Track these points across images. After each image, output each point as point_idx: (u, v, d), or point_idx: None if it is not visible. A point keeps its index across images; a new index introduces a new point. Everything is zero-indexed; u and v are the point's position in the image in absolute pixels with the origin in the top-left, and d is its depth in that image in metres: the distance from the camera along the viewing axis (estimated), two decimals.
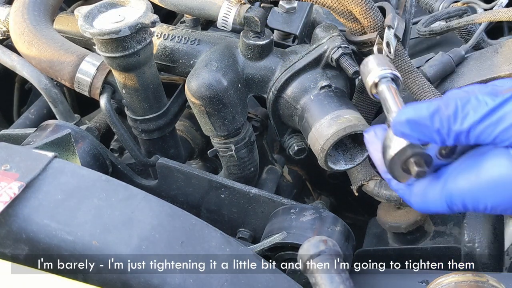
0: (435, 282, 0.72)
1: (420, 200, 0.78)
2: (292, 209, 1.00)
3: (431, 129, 0.71)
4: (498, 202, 0.71)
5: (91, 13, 1.00)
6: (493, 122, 0.69)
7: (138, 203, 0.77)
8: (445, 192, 0.74)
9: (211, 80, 1.02)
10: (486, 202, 0.72)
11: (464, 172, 0.74)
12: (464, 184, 0.73)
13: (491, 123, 0.69)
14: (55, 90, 1.16)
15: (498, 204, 0.72)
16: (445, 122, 0.70)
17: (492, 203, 0.72)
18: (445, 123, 0.70)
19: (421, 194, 0.77)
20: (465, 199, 0.73)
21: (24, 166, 0.76)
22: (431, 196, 0.76)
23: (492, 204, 0.72)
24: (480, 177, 0.72)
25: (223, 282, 0.73)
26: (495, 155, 0.72)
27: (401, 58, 1.04)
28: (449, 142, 0.72)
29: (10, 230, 0.72)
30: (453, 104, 0.70)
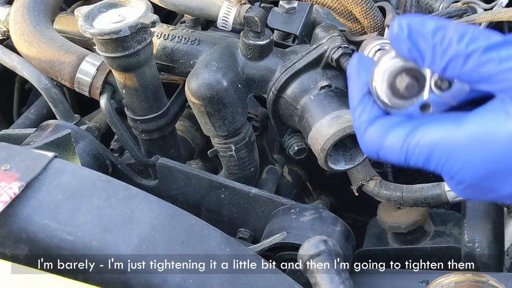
0: (435, 282, 0.72)
1: (375, 139, 0.64)
2: (292, 209, 1.00)
3: (428, 42, 0.59)
4: (474, 163, 0.59)
5: (91, 13, 1.00)
6: (503, 57, 0.57)
7: (138, 203, 0.77)
8: (412, 137, 0.62)
9: (211, 80, 1.02)
10: (458, 160, 0.60)
11: (444, 121, 0.62)
12: (440, 133, 0.61)
13: (499, 57, 0.57)
14: (55, 90, 1.16)
15: (473, 164, 0.59)
16: (446, 40, 0.59)
17: (465, 161, 0.59)
18: (446, 40, 0.59)
19: (379, 132, 0.64)
20: (434, 151, 0.61)
21: (24, 166, 0.76)
22: (392, 138, 0.63)
23: (464, 163, 0.60)
24: (463, 129, 0.60)
25: (223, 282, 0.73)
26: (487, 108, 0.60)
27: None
28: (439, 65, 0.60)
29: (10, 230, 0.72)
30: (464, 27, 0.59)
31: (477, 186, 0.61)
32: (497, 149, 0.58)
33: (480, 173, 0.60)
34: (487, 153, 0.58)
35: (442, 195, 1.04)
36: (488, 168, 0.59)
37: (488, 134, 0.58)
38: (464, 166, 0.60)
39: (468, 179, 0.61)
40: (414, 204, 1.08)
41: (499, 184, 0.60)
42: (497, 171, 0.59)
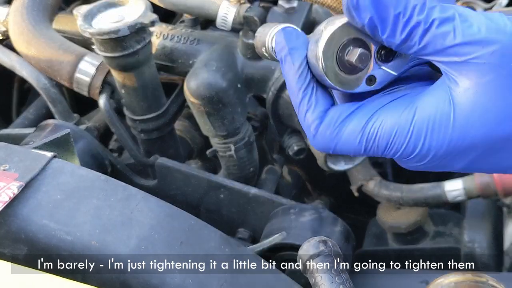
0: (435, 282, 0.72)
1: (329, 136, 0.61)
2: (292, 209, 1.00)
3: (391, 11, 0.56)
4: (431, 143, 0.59)
5: (90, 12, 1.00)
6: (464, 26, 0.55)
7: (137, 203, 0.77)
8: (369, 128, 0.60)
9: (210, 80, 1.02)
10: (417, 143, 0.59)
11: (397, 106, 0.60)
12: (396, 119, 0.59)
13: (461, 26, 0.55)
14: (54, 90, 1.15)
15: (431, 145, 0.59)
16: (410, 9, 0.56)
17: (424, 144, 0.59)
18: (409, 9, 0.56)
19: (333, 128, 0.61)
20: (394, 138, 0.59)
21: (23, 166, 0.76)
22: (348, 132, 0.60)
23: (422, 146, 0.59)
24: (418, 112, 0.59)
25: (223, 282, 0.73)
26: (436, 88, 0.59)
27: None
28: (398, 35, 0.56)
29: (9, 230, 0.72)
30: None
31: (432, 164, 0.61)
32: (450, 133, 0.58)
33: (437, 154, 0.59)
34: (443, 138, 0.58)
35: (442, 195, 1.04)
36: (443, 149, 0.59)
37: (441, 120, 0.58)
38: (422, 148, 0.59)
39: (426, 159, 0.60)
40: (414, 204, 1.08)
41: (453, 162, 0.60)
42: (451, 153, 0.59)
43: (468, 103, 0.57)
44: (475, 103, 0.57)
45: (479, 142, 0.58)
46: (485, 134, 0.58)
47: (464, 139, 0.58)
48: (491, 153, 0.59)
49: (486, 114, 0.57)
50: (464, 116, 0.58)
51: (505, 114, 0.57)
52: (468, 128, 0.58)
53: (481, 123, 0.57)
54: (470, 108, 0.57)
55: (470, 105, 0.57)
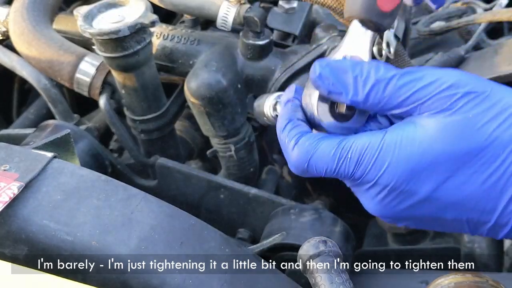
0: (435, 282, 0.72)
1: (307, 147, 0.67)
2: (292, 210, 1.00)
3: (350, 75, 0.65)
4: (398, 162, 0.65)
5: (90, 13, 1.00)
6: (416, 78, 0.64)
7: (138, 203, 0.77)
8: (344, 143, 0.66)
9: (211, 80, 1.02)
10: (385, 160, 0.65)
11: (370, 132, 0.68)
12: (369, 139, 0.66)
13: (414, 78, 0.64)
14: (54, 90, 1.16)
15: (397, 164, 0.65)
16: (365, 71, 0.65)
17: (391, 162, 0.64)
18: (364, 71, 0.65)
19: (311, 140, 0.67)
20: (364, 153, 0.65)
21: (23, 166, 0.76)
22: (324, 145, 0.67)
23: (389, 163, 0.65)
24: (388, 135, 0.65)
25: (223, 282, 0.73)
26: (404, 122, 0.66)
27: (401, 58, 1.04)
28: (361, 94, 0.65)
29: (10, 231, 0.72)
30: (375, 62, 0.66)
31: (399, 189, 0.66)
32: (415, 150, 0.65)
33: (403, 174, 0.65)
34: (408, 154, 0.65)
35: None
36: (409, 168, 0.65)
37: (407, 140, 0.65)
38: (390, 165, 0.65)
39: (392, 180, 0.66)
40: None
41: (418, 185, 0.65)
42: (416, 171, 0.65)
43: (430, 129, 0.65)
44: (437, 130, 0.64)
45: (442, 159, 0.64)
46: (445, 150, 0.64)
47: (427, 156, 0.64)
48: (454, 172, 0.64)
49: (446, 137, 0.64)
50: (426, 136, 0.65)
51: (463, 135, 0.64)
52: (431, 145, 0.64)
53: (442, 141, 0.64)
54: (433, 130, 0.64)
55: (432, 129, 0.64)
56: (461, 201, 0.65)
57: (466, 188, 0.65)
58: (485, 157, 0.64)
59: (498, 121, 0.63)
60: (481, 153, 0.64)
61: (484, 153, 0.63)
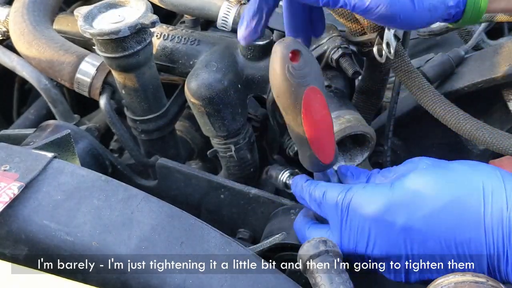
0: (435, 282, 0.72)
1: (320, 191, 0.85)
2: (292, 210, 1.00)
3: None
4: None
5: (91, 13, 1.00)
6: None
7: (138, 203, 0.77)
8: (347, 196, 0.82)
9: (211, 81, 1.02)
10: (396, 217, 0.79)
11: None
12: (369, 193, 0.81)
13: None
14: (54, 91, 1.16)
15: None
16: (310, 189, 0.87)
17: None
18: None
19: (320, 194, 0.85)
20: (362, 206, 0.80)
21: (23, 166, 0.76)
22: (330, 195, 0.84)
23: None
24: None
25: (223, 282, 0.73)
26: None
27: (401, 58, 1.04)
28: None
29: (10, 231, 0.72)
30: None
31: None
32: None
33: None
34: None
35: None
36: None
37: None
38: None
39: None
40: None
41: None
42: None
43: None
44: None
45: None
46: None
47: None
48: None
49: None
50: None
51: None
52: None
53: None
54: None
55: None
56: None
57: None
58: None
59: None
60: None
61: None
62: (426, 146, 1.25)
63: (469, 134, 0.98)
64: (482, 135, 0.97)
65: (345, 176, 0.89)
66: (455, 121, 0.99)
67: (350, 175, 0.89)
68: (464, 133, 0.99)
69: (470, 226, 0.75)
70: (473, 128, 0.98)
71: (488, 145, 0.97)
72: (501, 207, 0.74)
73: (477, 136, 0.97)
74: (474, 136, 0.98)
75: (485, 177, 0.77)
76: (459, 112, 1.00)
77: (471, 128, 0.98)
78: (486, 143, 0.97)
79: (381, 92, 1.15)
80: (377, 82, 1.13)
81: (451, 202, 0.76)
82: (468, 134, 0.98)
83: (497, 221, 0.74)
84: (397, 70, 1.04)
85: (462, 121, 0.99)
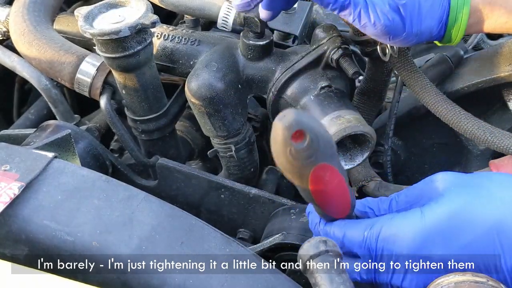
0: (435, 282, 0.72)
1: (340, 230, 0.81)
2: (292, 210, 1.00)
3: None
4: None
5: (91, 13, 1.00)
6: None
7: (138, 203, 0.77)
8: (374, 229, 0.78)
9: (211, 81, 1.02)
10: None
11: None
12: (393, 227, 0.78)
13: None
14: (55, 91, 1.16)
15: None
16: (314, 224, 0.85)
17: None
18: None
19: (343, 226, 0.81)
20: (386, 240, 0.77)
21: (24, 166, 0.76)
22: (352, 233, 0.80)
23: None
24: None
25: (223, 282, 0.73)
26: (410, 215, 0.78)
27: (404, 57, 1.04)
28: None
29: (10, 231, 0.72)
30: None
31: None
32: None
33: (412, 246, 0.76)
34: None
35: None
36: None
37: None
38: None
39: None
40: None
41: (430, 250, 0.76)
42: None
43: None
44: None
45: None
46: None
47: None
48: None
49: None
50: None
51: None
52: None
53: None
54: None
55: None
56: None
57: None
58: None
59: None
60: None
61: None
62: (427, 146, 1.25)
63: (471, 133, 0.98)
64: (483, 134, 0.97)
65: (364, 212, 0.85)
66: (457, 120, 0.99)
67: (370, 210, 0.84)
68: (465, 132, 0.99)
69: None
70: (475, 127, 0.98)
71: (489, 144, 0.97)
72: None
73: (478, 135, 0.98)
74: (475, 135, 0.98)
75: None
76: (461, 111, 1.00)
77: (472, 127, 0.98)
78: (487, 142, 0.97)
79: (383, 93, 1.15)
80: (379, 83, 1.13)
81: (490, 228, 0.73)
82: (470, 133, 0.98)
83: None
84: (400, 70, 1.04)
85: (463, 120, 0.99)
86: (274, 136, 0.67)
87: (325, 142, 0.69)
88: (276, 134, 0.67)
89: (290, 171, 0.71)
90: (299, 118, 0.66)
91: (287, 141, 0.66)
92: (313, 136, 0.67)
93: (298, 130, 0.66)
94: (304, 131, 0.66)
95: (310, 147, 0.67)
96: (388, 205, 0.83)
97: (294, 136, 0.66)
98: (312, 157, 0.69)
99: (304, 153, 0.68)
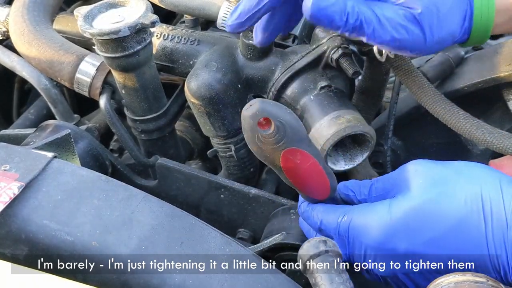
0: (435, 282, 0.72)
1: (317, 215, 0.85)
2: (292, 210, 1.00)
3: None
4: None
5: (90, 13, 1.00)
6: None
7: (138, 203, 0.77)
8: (346, 218, 0.82)
9: (211, 81, 1.02)
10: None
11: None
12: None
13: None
14: (54, 91, 1.16)
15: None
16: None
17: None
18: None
19: (321, 212, 0.85)
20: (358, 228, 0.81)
21: (23, 166, 0.76)
22: (329, 216, 0.84)
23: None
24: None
25: (223, 282, 0.73)
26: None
27: (401, 57, 1.04)
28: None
29: (10, 231, 0.72)
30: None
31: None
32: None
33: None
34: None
35: None
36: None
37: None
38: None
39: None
40: None
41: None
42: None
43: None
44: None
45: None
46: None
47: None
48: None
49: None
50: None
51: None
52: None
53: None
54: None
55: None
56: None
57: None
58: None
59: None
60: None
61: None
62: (426, 146, 1.25)
63: (469, 134, 0.98)
64: (482, 135, 0.97)
65: (347, 195, 0.88)
66: (455, 120, 0.99)
67: (352, 193, 0.87)
68: (464, 133, 0.99)
69: (475, 249, 0.75)
70: (473, 128, 0.98)
71: (488, 145, 0.97)
72: (502, 225, 0.74)
73: (477, 136, 0.97)
74: (474, 136, 0.98)
75: (484, 189, 0.76)
76: (459, 111, 1.00)
77: (471, 128, 0.98)
78: (486, 143, 0.97)
79: (381, 92, 1.15)
80: (377, 82, 1.13)
81: (453, 226, 0.75)
82: (468, 134, 0.98)
83: (498, 240, 0.74)
84: (398, 69, 1.04)
85: (462, 120, 0.99)
86: (243, 125, 0.76)
87: (292, 127, 0.75)
88: (244, 123, 0.75)
89: (262, 155, 0.78)
90: (264, 106, 0.74)
91: (253, 129, 0.75)
92: (278, 123, 0.74)
93: (264, 118, 0.74)
94: (270, 118, 0.74)
95: (276, 133, 0.74)
96: (368, 190, 0.86)
97: (260, 124, 0.74)
98: (280, 142, 0.75)
99: (270, 138, 0.75)
